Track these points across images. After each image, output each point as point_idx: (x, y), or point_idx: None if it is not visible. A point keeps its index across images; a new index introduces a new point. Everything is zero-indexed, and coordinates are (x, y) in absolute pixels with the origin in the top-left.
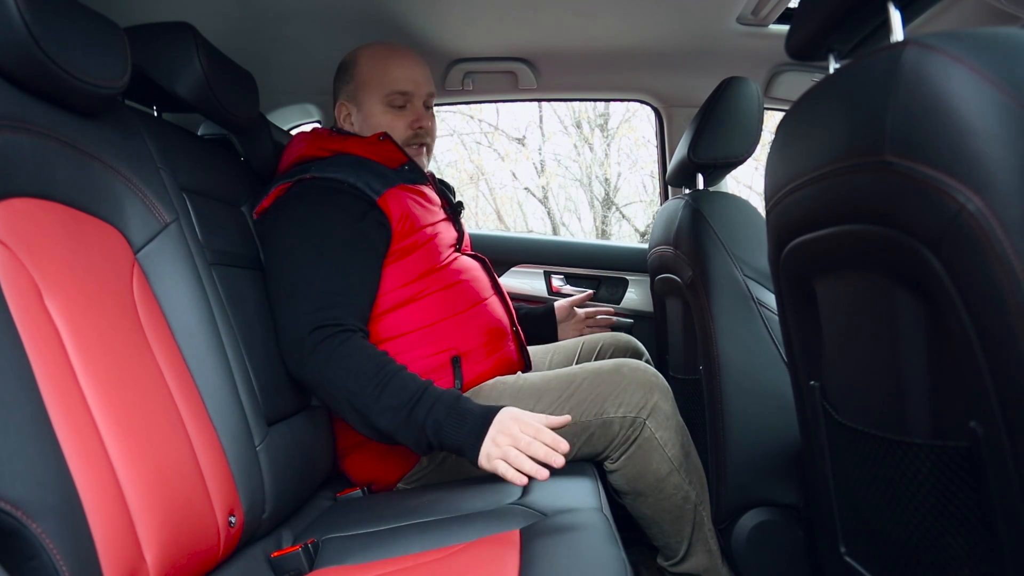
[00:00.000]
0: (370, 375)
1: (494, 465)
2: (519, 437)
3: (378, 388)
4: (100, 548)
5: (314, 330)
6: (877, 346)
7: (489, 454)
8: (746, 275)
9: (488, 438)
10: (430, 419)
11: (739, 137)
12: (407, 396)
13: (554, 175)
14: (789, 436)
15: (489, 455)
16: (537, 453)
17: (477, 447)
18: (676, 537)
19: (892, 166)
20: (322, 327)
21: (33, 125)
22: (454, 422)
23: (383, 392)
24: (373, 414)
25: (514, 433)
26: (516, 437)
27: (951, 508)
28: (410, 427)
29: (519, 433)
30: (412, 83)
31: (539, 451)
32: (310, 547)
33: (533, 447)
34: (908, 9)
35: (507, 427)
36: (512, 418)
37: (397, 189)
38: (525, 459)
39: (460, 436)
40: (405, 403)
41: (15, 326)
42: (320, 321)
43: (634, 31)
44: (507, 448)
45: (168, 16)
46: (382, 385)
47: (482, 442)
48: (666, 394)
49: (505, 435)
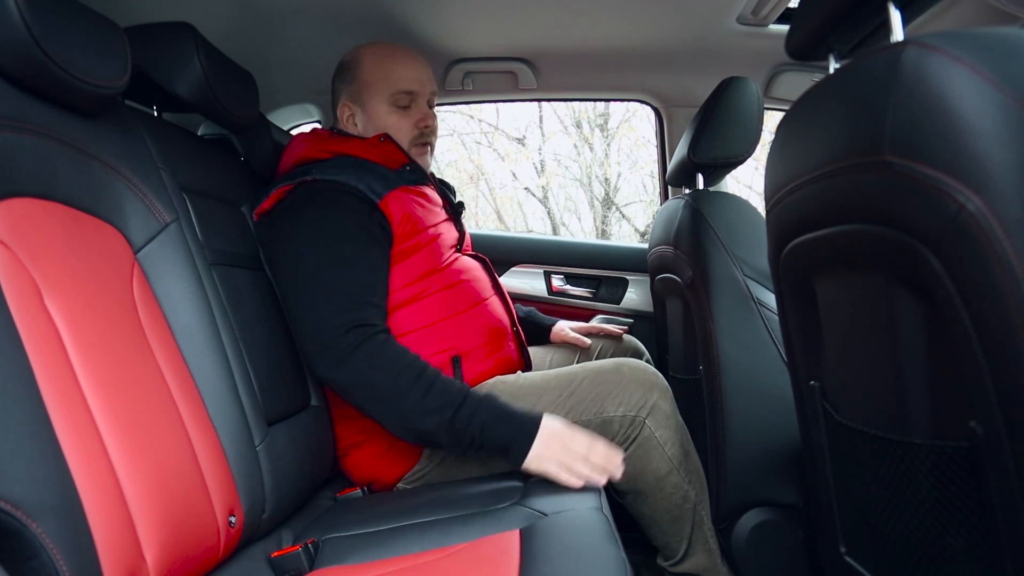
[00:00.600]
0: (414, 378)
1: (545, 468)
2: (572, 447)
3: (422, 390)
4: (100, 548)
5: (348, 331)
6: (877, 346)
7: (540, 456)
8: (746, 275)
9: (538, 441)
10: (476, 420)
11: (739, 137)
12: (451, 398)
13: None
14: (789, 436)
15: (540, 457)
16: (598, 459)
17: (526, 448)
18: (676, 537)
19: (892, 166)
20: (355, 328)
21: (33, 125)
22: (502, 424)
23: (427, 394)
24: (416, 415)
25: (565, 440)
26: (568, 446)
27: (951, 508)
28: (454, 428)
29: (570, 442)
30: (417, 82)
31: (597, 461)
32: (310, 547)
33: (593, 453)
34: (908, 9)
35: (559, 434)
36: (562, 427)
37: (399, 191)
38: (581, 464)
39: (508, 436)
40: (449, 404)
41: (15, 326)
42: (353, 322)
43: (634, 31)
44: (558, 453)
45: (168, 16)
46: (426, 387)
47: (531, 444)
48: (666, 393)
49: (557, 440)
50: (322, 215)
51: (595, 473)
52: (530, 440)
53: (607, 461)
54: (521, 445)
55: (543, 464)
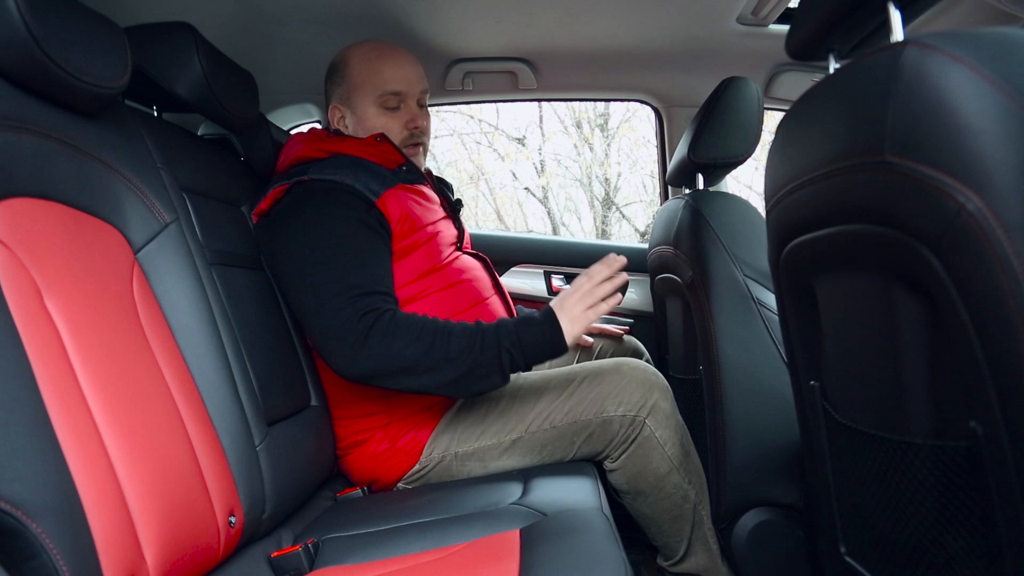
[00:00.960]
0: (431, 333)
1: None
2: (581, 291)
3: (444, 340)
4: (100, 548)
5: (360, 318)
6: (877, 346)
7: (573, 320)
8: (746, 275)
9: (561, 316)
10: (504, 340)
11: (739, 137)
12: (472, 335)
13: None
14: (789, 436)
15: (574, 320)
16: (602, 275)
17: (559, 330)
18: (676, 536)
19: (892, 166)
20: (366, 314)
21: (33, 125)
22: (527, 329)
23: (450, 340)
24: (448, 364)
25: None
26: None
27: (951, 508)
28: (487, 357)
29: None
30: (405, 82)
31: (602, 272)
32: (310, 547)
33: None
34: (908, 9)
35: (565, 299)
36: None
37: (396, 189)
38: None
39: (539, 334)
40: (475, 337)
41: (15, 326)
42: (362, 310)
43: (634, 31)
44: (579, 307)
45: (168, 16)
46: (446, 335)
47: (560, 323)
48: (666, 393)
49: (569, 301)
50: (321, 214)
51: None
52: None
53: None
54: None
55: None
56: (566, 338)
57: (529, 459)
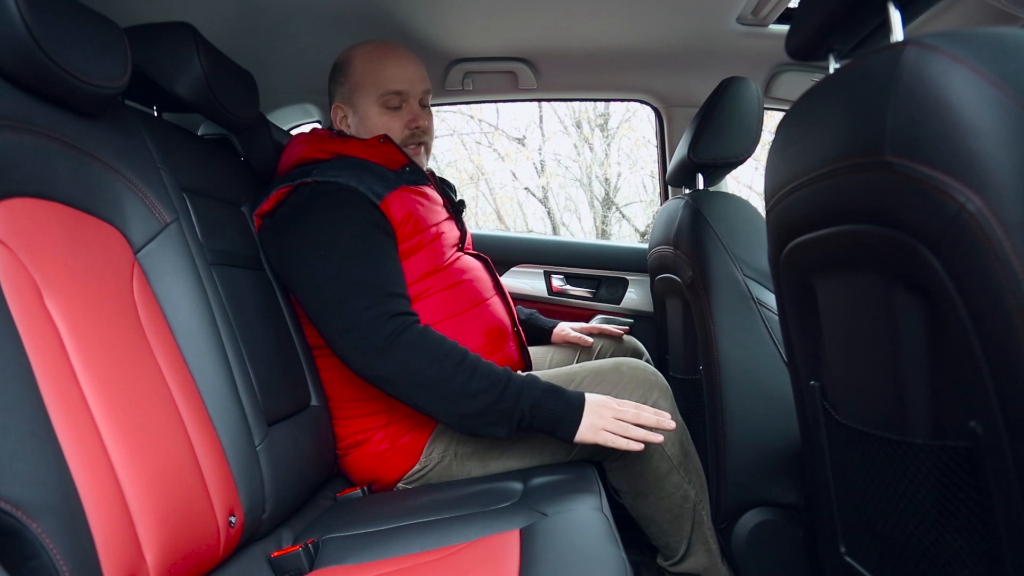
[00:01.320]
0: (458, 361)
1: (599, 437)
2: (623, 410)
3: (467, 372)
4: (100, 548)
5: (386, 322)
6: (877, 346)
7: (593, 425)
8: (746, 275)
9: (588, 411)
10: (524, 396)
11: (739, 137)
12: (496, 378)
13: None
14: (789, 436)
15: (593, 426)
16: (648, 421)
17: (577, 419)
18: (676, 536)
19: (892, 166)
20: (392, 317)
21: (34, 125)
22: (550, 398)
23: (473, 376)
24: (464, 397)
25: (614, 407)
26: (617, 410)
27: (951, 508)
28: (502, 406)
29: (619, 407)
30: (407, 82)
31: (649, 419)
32: (310, 547)
33: (641, 416)
34: (908, 9)
35: (605, 402)
36: (604, 402)
37: (399, 191)
38: (633, 427)
39: (559, 410)
40: (497, 383)
41: (15, 326)
42: (387, 313)
43: (634, 31)
44: (611, 421)
45: (168, 16)
46: (471, 370)
47: (582, 414)
48: (665, 393)
49: (606, 407)
50: (331, 216)
51: (649, 434)
52: (579, 412)
53: (658, 417)
54: (571, 418)
55: (597, 434)
56: (577, 433)
57: (529, 459)
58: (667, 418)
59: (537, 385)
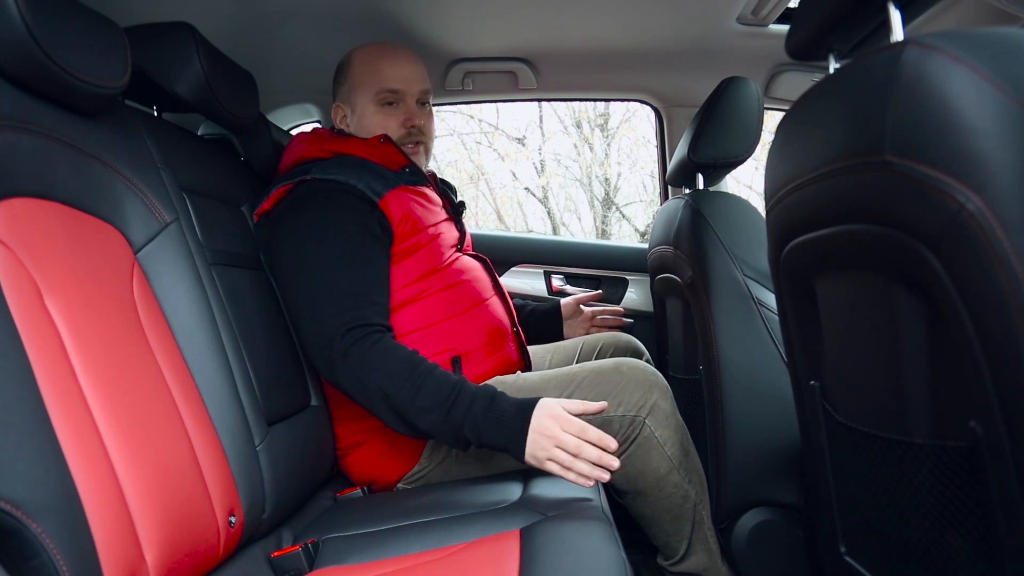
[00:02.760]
0: (404, 377)
1: (545, 466)
2: (564, 440)
3: (413, 389)
4: (100, 548)
5: (345, 333)
6: (877, 346)
7: (535, 455)
8: (746, 275)
9: (529, 440)
10: (468, 421)
11: (739, 137)
12: (443, 397)
13: (554, 175)
14: (789, 436)
15: (535, 456)
16: (590, 456)
17: (521, 447)
18: (676, 536)
19: (892, 166)
20: (352, 329)
21: (34, 125)
22: (492, 425)
23: (418, 394)
24: (411, 415)
25: (556, 435)
26: (560, 439)
27: (951, 508)
28: (449, 427)
29: (562, 434)
30: (402, 80)
31: (591, 454)
32: (310, 547)
33: (583, 451)
34: (908, 9)
35: (547, 428)
36: (550, 416)
37: (398, 190)
38: (578, 463)
39: (501, 438)
40: (441, 403)
41: (15, 326)
42: (349, 323)
43: (634, 31)
44: (553, 451)
45: (168, 16)
46: (416, 387)
47: (525, 442)
48: (665, 393)
49: (546, 437)
50: (322, 215)
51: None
52: (522, 442)
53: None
54: (516, 445)
55: (542, 464)
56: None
57: None
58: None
59: (482, 409)
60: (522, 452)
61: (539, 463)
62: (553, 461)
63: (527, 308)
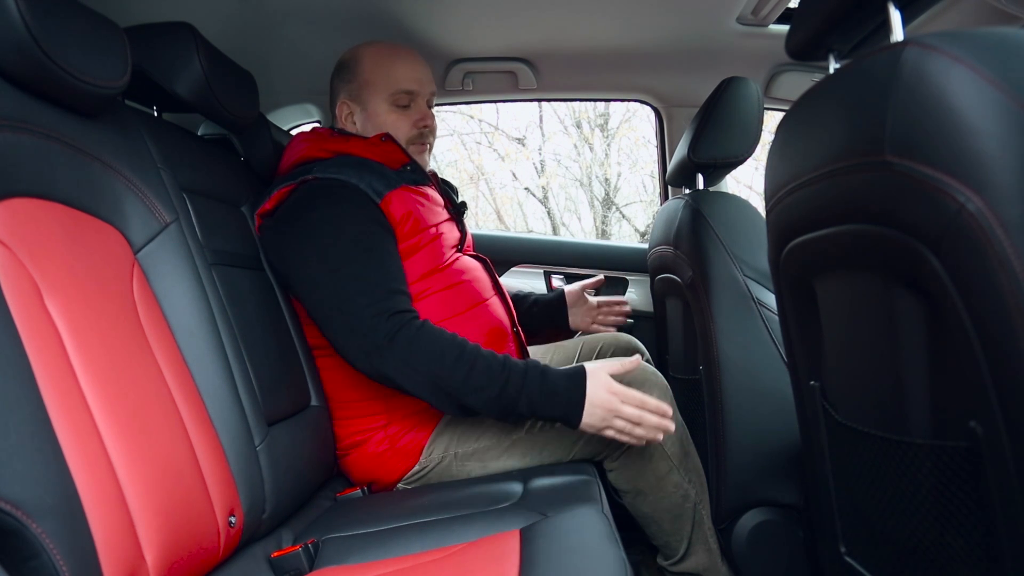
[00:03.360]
0: (455, 358)
1: (602, 433)
2: (626, 412)
3: (465, 370)
4: (100, 548)
5: (386, 320)
6: (877, 346)
7: (591, 424)
8: (746, 275)
9: (586, 412)
10: (522, 398)
11: (739, 137)
12: (495, 375)
13: (554, 175)
14: (789, 436)
15: (591, 425)
16: (650, 423)
17: (577, 418)
18: (676, 536)
19: (892, 166)
20: (393, 315)
21: (34, 125)
22: (547, 399)
23: (471, 374)
24: (464, 395)
25: (616, 408)
26: (621, 411)
27: (951, 508)
28: (503, 404)
29: (622, 407)
30: (417, 82)
31: (651, 421)
32: (310, 547)
33: (645, 419)
34: (908, 9)
35: (605, 401)
36: (609, 391)
37: (400, 190)
38: (637, 429)
39: (557, 411)
40: (495, 381)
41: (15, 326)
42: (389, 309)
43: (634, 31)
44: (612, 420)
45: (168, 16)
46: (469, 367)
47: (581, 414)
48: (665, 393)
49: (605, 409)
50: (331, 212)
51: (650, 433)
52: (578, 414)
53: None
54: (572, 418)
55: (599, 431)
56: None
57: (529, 459)
58: (667, 413)
59: (535, 382)
60: (578, 422)
61: (595, 430)
62: (611, 428)
63: (531, 298)
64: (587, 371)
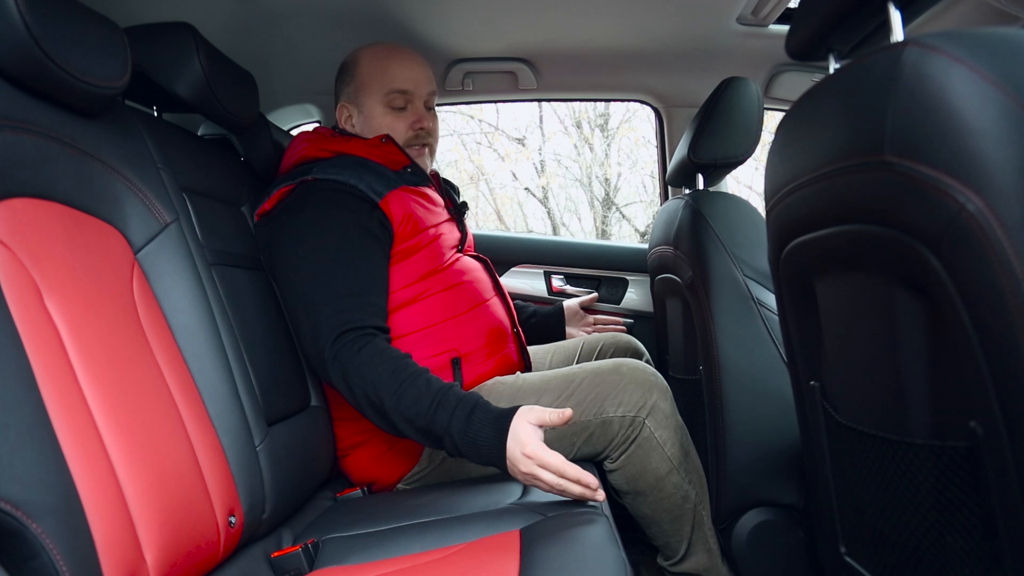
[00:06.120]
0: (385, 384)
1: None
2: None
3: (395, 398)
4: (100, 548)
5: (337, 337)
6: (877, 346)
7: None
8: (746, 275)
9: (508, 468)
10: (447, 440)
11: (739, 137)
12: (422, 408)
13: (554, 175)
14: (789, 436)
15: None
16: (573, 494)
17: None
18: (676, 536)
19: (892, 166)
20: (344, 332)
21: (34, 125)
22: (469, 447)
23: (400, 402)
24: (395, 421)
25: (532, 471)
26: (536, 476)
27: (951, 508)
28: (430, 439)
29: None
30: (412, 82)
31: (573, 491)
32: (310, 547)
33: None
34: (908, 9)
35: (521, 463)
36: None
37: (399, 191)
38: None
39: (481, 460)
40: (421, 415)
41: (15, 326)
42: (342, 326)
43: (634, 31)
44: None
45: (168, 16)
46: (398, 395)
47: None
48: (665, 393)
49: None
50: (320, 215)
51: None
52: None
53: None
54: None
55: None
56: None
57: None
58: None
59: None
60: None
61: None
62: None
63: (529, 310)
64: (511, 426)
